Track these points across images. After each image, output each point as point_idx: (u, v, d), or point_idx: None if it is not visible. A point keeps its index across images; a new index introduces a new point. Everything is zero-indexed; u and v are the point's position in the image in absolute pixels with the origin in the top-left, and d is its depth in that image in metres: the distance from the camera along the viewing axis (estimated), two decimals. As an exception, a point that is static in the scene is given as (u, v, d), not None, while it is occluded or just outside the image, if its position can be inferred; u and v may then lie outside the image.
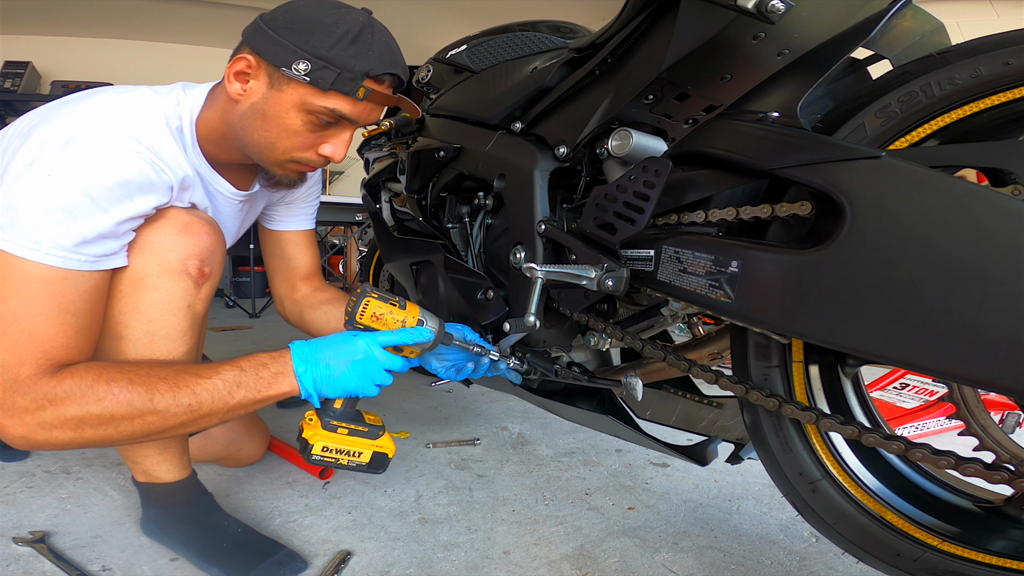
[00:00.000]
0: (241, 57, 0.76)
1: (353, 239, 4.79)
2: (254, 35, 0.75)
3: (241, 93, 0.77)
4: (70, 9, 4.10)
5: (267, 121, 0.77)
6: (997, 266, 0.46)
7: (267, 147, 0.80)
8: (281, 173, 0.84)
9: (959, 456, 0.54)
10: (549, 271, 0.75)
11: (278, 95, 0.76)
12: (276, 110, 0.76)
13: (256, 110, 0.77)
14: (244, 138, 0.80)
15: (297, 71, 0.73)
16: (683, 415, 1.01)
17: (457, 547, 0.99)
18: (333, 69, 0.73)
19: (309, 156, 0.82)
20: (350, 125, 0.81)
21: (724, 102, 0.69)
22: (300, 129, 0.78)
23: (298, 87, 0.75)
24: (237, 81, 0.77)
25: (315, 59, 0.72)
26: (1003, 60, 0.50)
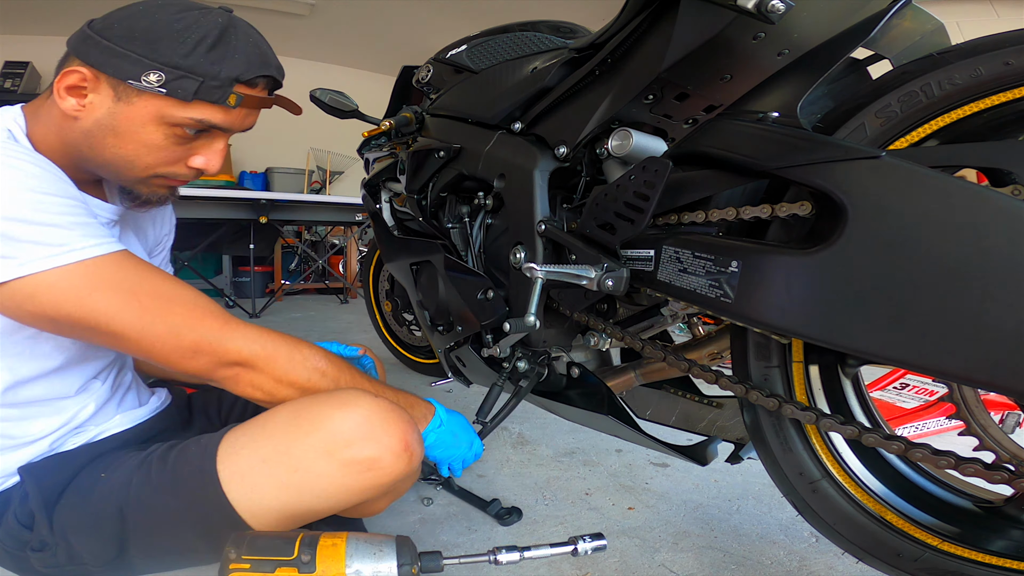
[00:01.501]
0: (73, 70, 0.66)
1: (353, 239, 4.79)
2: (83, 46, 0.67)
3: (79, 109, 0.68)
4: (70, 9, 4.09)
5: (120, 137, 0.69)
6: (997, 266, 0.46)
7: (125, 165, 0.71)
8: (147, 191, 0.75)
9: (959, 456, 0.54)
10: (549, 271, 0.75)
11: (128, 108, 0.67)
12: (129, 125, 0.68)
13: (104, 126, 0.68)
14: (94, 157, 0.70)
15: (148, 83, 0.65)
16: (683, 415, 1.01)
17: (457, 547, 0.99)
18: (193, 78, 0.66)
19: (177, 170, 0.74)
20: (222, 134, 0.74)
21: (724, 102, 0.69)
22: (162, 143, 0.70)
23: (152, 99, 0.67)
24: (71, 96, 0.67)
25: (169, 69, 0.65)
26: (1003, 60, 0.50)
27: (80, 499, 0.72)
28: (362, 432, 0.69)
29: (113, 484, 0.72)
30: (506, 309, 0.94)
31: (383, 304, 1.99)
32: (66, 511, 0.72)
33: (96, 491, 0.72)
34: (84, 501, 0.72)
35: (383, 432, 0.70)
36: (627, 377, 1.00)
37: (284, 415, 0.72)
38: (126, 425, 0.84)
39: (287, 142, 4.76)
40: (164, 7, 0.68)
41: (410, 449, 0.72)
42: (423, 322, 1.19)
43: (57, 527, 0.71)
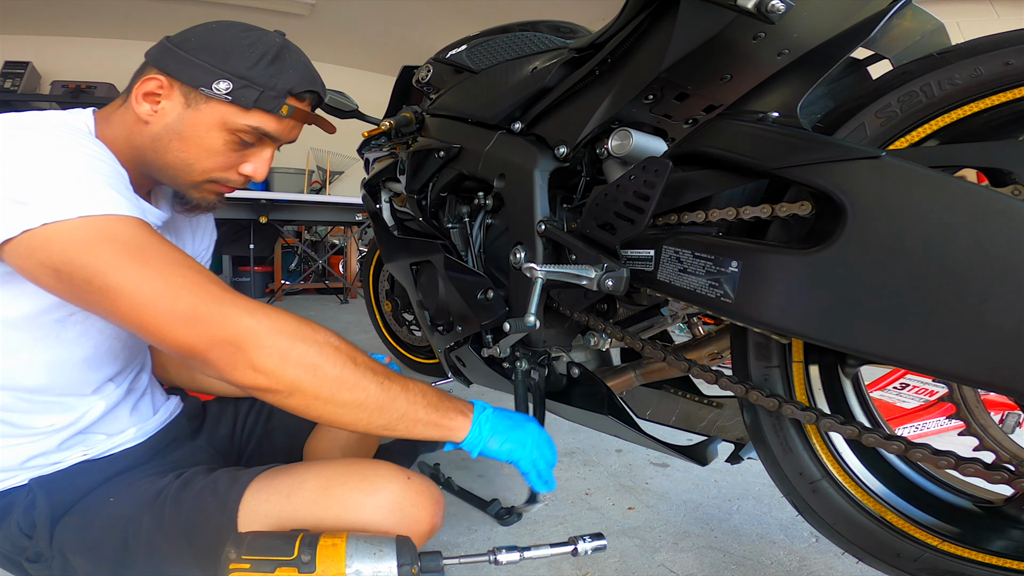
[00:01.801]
0: (151, 77, 0.73)
1: (353, 239, 4.79)
2: (163, 56, 0.74)
3: (152, 114, 0.74)
4: (70, 9, 4.10)
5: (185, 141, 0.75)
6: (997, 266, 0.46)
7: (184, 168, 0.76)
8: (198, 196, 0.80)
9: (959, 456, 0.54)
10: (549, 271, 0.75)
11: (195, 114, 0.74)
12: (195, 130, 0.74)
13: (172, 131, 0.74)
14: (157, 160, 0.76)
15: (218, 90, 0.72)
16: (683, 415, 1.01)
17: (457, 547, 0.99)
18: (256, 87, 0.73)
19: (229, 176, 0.79)
20: (271, 143, 0.80)
21: (724, 102, 0.69)
22: (221, 149, 0.76)
23: (218, 106, 0.74)
24: (146, 102, 0.74)
25: (236, 78, 0.72)
26: (1003, 60, 0.50)
27: (85, 521, 0.72)
28: (393, 521, 0.71)
29: (121, 512, 0.72)
30: (506, 309, 0.94)
31: (383, 304, 1.99)
32: (69, 529, 0.72)
33: (102, 515, 0.72)
34: (89, 523, 0.72)
35: (412, 519, 0.72)
36: (627, 377, 1.00)
37: (311, 488, 0.72)
38: (139, 439, 0.84)
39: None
40: (232, 26, 0.77)
41: (436, 527, 0.74)
42: (423, 322, 1.19)
43: (56, 542, 0.71)
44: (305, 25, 4.37)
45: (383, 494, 0.72)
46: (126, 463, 0.79)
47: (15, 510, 0.72)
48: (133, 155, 0.76)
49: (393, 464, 0.78)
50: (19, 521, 0.72)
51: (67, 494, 0.73)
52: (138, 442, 0.83)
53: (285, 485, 0.73)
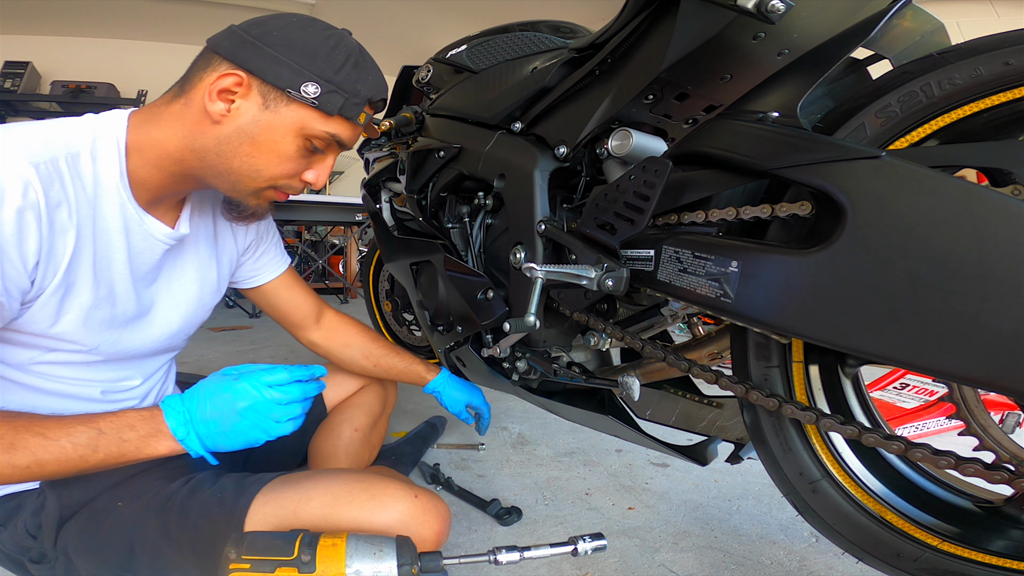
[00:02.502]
0: (230, 73, 0.66)
1: (353, 239, 4.79)
2: (242, 50, 0.67)
3: (225, 114, 0.68)
4: (70, 9, 4.10)
5: (257, 146, 0.69)
6: (997, 266, 0.46)
7: (250, 174, 0.71)
8: (255, 204, 0.75)
9: (959, 456, 0.54)
10: (549, 271, 0.75)
11: (273, 117, 0.68)
12: (271, 134, 0.69)
13: (244, 133, 0.68)
14: (219, 164, 0.70)
15: (306, 93, 0.67)
16: (683, 415, 1.00)
17: (457, 547, 0.99)
18: (341, 94, 0.69)
19: (292, 183, 0.75)
20: (337, 150, 0.76)
21: (724, 102, 0.69)
22: (293, 155, 0.71)
23: (299, 110, 0.68)
24: (221, 100, 0.67)
25: (325, 82, 0.68)
26: (1003, 60, 0.50)
27: (92, 523, 0.72)
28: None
29: (128, 517, 0.72)
30: (506, 309, 0.94)
31: (383, 304, 1.99)
32: (75, 531, 0.72)
33: (110, 519, 0.72)
34: (96, 526, 0.72)
35: (420, 538, 0.72)
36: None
37: (318, 504, 0.72)
38: None
39: (287, 142, 4.75)
40: (313, 23, 0.70)
41: (442, 543, 0.74)
42: (423, 322, 1.19)
43: (61, 544, 0.71)
44: (305, 25, 4.37)
45: (391, 512, 0.72)
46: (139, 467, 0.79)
47: (23, 511, 0.72)
48: (185, 156, 0.70)
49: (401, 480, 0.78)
50: (26, 522, 0.72)
51: (77, 496, 0.73)
52: None
53: (292, 500, 0.72)
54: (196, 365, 2.25)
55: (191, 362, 2.29)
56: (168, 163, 0.70)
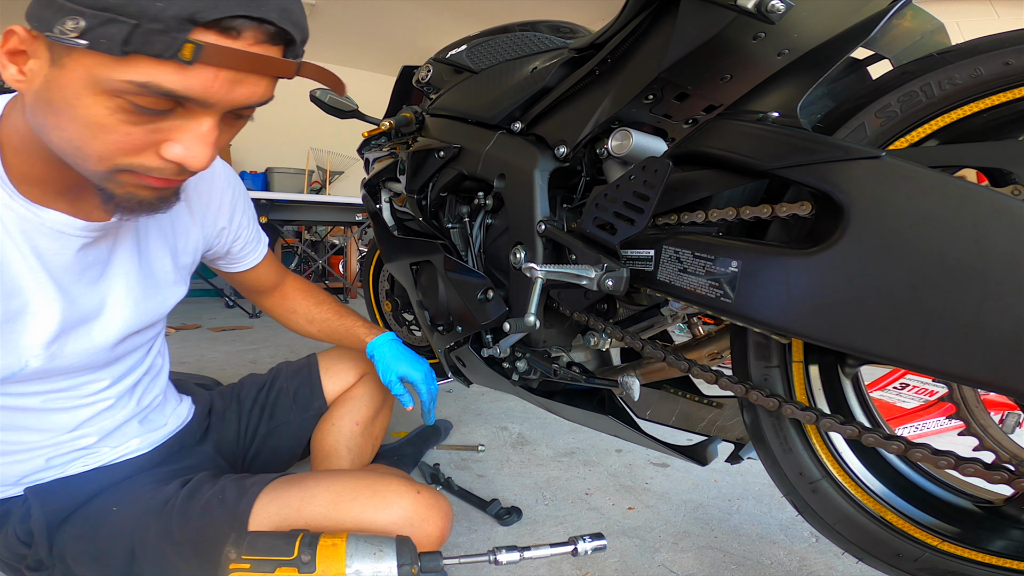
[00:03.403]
0: (9, 30, 0.50)
1: (353, 239, 4.79)
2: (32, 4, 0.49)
3: (20, 79, 0.51)
4: (70, 9, 4.10)
5: (57, 115, 0.51)
6: (997, 266, 0.46)
7: (74, 153, 0.53)
8: (120, 192, 0.56)
9: (959, 456, 0.54)
10: (549, 271, 0.75)
11: (60, 73, 0.49)
12: (62, 97, 0.50)
13: (40, 99, 0.51)
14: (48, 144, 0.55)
15: (64, 32, 0.45)
16: (683, 415, 1.00)
17: (457, 547, 0.99)
18: (123, 20, 0.45)
19: (145, 161, 0.53)
20: (203, 111, 0.52)
21: (724, 102, 0.69)
22: (106, 122, 0.50)
23: (81, 57, 0.47)
24: (12, 63, 0.51)
25: (91, 11, 0.45)
26: (1003, 60, 0.50)
27: (88, 529, 0.71)
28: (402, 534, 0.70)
29: (126, 521, 0.71)
30: (506, 309, 0.94)
31: (383, 304, 1.99)
32: (71, 538, 0.71)
33: (107, 524, 0.71)
34: (93, 532, 0.71)
35: (423, 534, 0.72)
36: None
37: (321, 502, 0.72)
38: (145, 449, 0.82)
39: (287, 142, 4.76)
40: None
41: (444, 540, 0.74)
42: (423, 322, 1.19)
43: (57, 551, 0.71)
44: (305, 25, 4.37)
45: (394, 509, 0.72)
46: (129, 471, 0.79)
47: (11, 519, 0.72)
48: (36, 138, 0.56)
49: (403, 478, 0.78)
50: (16, 530, 0.71)
51: (64, 502, 0.73)
52: (144, 452, 0.82)
53: (295, 498, 0.72)
54: (196, 365, 2.25)
55: (191, 362, 2.29)
56: (31, 147, 0.58)
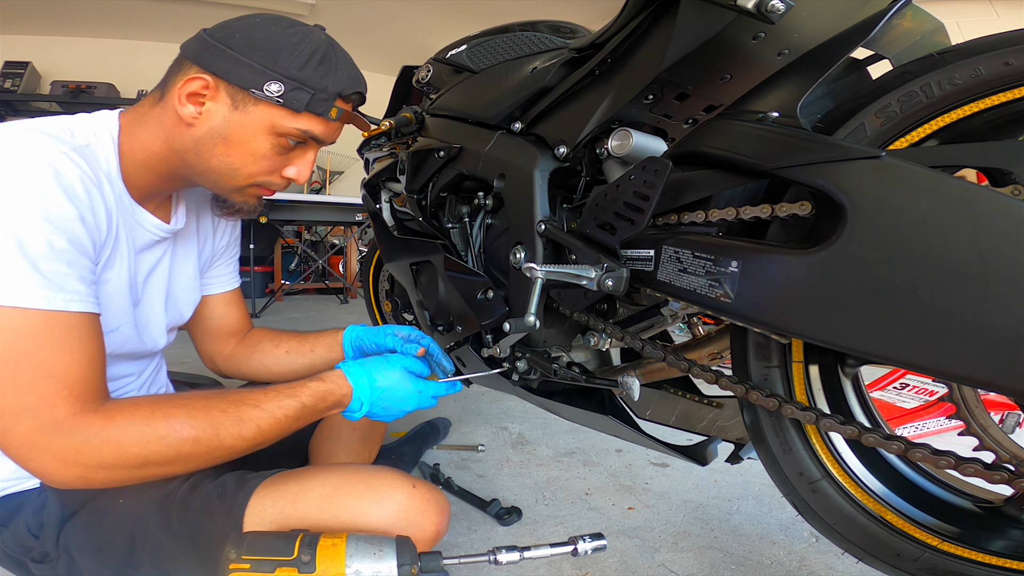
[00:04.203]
0: (196, 77, 0.68)
1: (353, 239, 4.79)
2: (206, 54, 0.69)
3: (196, 116, 0.70)
4: (70, 9, 4.10)
5: (231, 146, 0.71)
6: (997, 266, 0.45)
7: (229, 173, 0.74)
8: (241, 200, 0.78)
9: (959, 456, 0.54)
10: (549, 271, 0.75)
11: (243, 117, 0.70)
12: (242, 134, 0.71)
13: (217, 134, 0.71)
14: (198, 164, 0.73)
15: (269, 92, 0.68)
16: (683, 415, 1.01)
17: (457, 547, 0.99)
18: (307, 90, 0.70)
19: (273, 179, 0.77)
20: (315, 146, 0.78)
21: (724, 102, 0.69)
22: (268, 153, 0.73)
23: (267, 108, 0.70)
24: (191, 103, 0.70)
25: (287, 80, 0.69)
26: (1003, 60, 0.50)
27: (94, 521, 0.72)
28: (398, 529, 0.71)
29: (130, 514, 0.72)
30: (506, 309, 0.94)
31: (383, 304, 1.99)
32: (77, 529, 0.72)
33: (111, 516, 0.72)
34: (98, 524, 0.72)
35: (418, 528, 0.72)
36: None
37: (316, 495, 0.72)
38: None
39: (287, 142, 4.75)
40: (278, 20, 0.72)
41: (441, 535, 0.74)
42: (423, 322, 1.19)
43: (63, 542, 0.71)
44: (305, 25, 4.37)
45: (388, 502, 0.72)
46: None
47: (24, 511, 0.72)
48: (170, 158, 0.73)
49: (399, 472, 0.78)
50: (28, 522, 0.72)
51: (78, 495, 0.73)
52: None
53: (291, 491, 0.73)
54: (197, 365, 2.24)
55: (191, 362, 2.28)
56: (156, 163, 0.73)
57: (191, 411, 0.64)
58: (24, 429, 0.57)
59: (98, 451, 0.59)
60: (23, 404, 0.57)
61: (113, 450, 0.60)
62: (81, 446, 0.58)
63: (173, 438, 0.62)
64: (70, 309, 0.60)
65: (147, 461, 0.61)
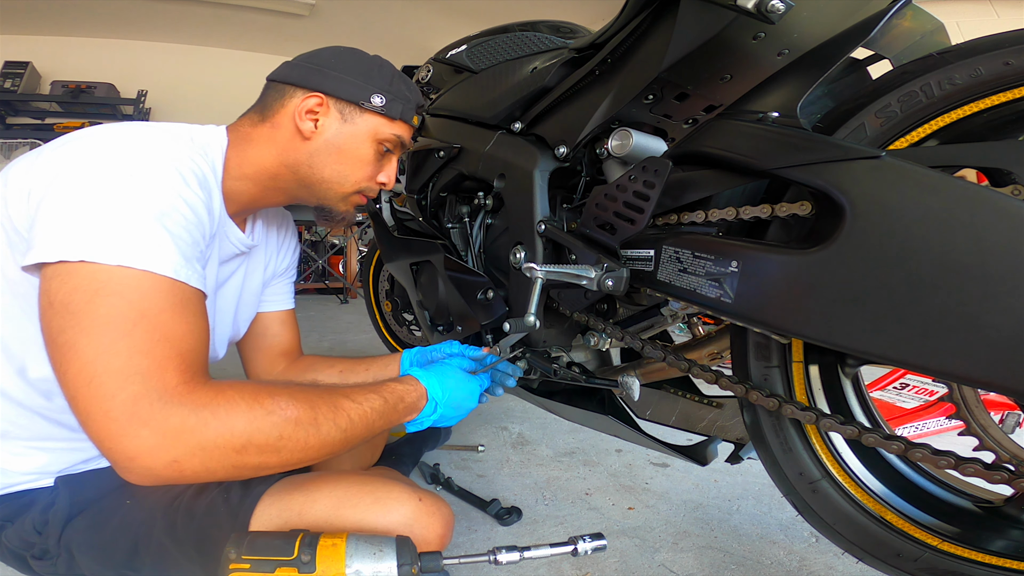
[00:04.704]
0: (311, 95, 0.78)
1: (353, 239, 4.79)
2: (313, 77, 0.79)
3: (313, 131, 0.79)
4: (70, 9, 4.10)
5: (343, 154, 0.81)
6: (997, 266, 0.46)
7: (338, 181, 0.82)
8: (344, 209, 0.86)
9: (959, 456, 0.54)
10: (549, 271, 0.75)
11: (352, 128, 0.80)
12: (352, 143, 0.81)
13: (331, 145, 0.80)
14: (312, 175, 0.81)
15: (374, 103, 0.80)
16: (683, 415, 1.01)
17: (457, 547, 0.99)
18: (399, 101, 0.82)
19: (371, 185, 0.86)
20: (398, 152, 0.87)
21: (724, 102, 0.69)
22: (371, 158, 0.83)
23: (371, 118, 0.81)
24: (309, 119, 0.79)
25: (385, 92, 0.80)
26: (1003, 60, 0.50)
27: (99, 521, 0.72)
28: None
29: (135, 516, 0.72)
30: (506, 309, 0.94)
31: (383, 304, 1.99)
32: (81, 528, 0.72)
33: (117, 517, 0.72)
34: (103, 524, 0.72)
35: (423, 541, 0.72)
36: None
37: (323, 507, 0.72)
38: None
39: (287, 142, 4.75)
40: (354, 51, 0.84)
41: (445, 546, 0.75)
42: (423, 322, 1.19)
43: (65, 540, 0.71)
44: (305, 25, 4.37)
45: (395, 515, 0.73)
46: None
47: (34, 508, 0.73)
48: (280, 171, 0.80)
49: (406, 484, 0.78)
50: (34, 519, 0.72)
51: (90, 494, 0.74)
52: None
53: (297, 502, 0.73)
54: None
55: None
56: (265, 178, 0.80)
57: (291, 393, 0.62)
58: (128, 396, 0.52)
59: (203, 425, 0.54)
60: (133, 367, 0.53)
61: (220, 425, 0.55)
62: (187, 417, 0.54)
63: (278, 415, 0.58)
64: (191, 284, 0.61)
65: (249, 442, 0.57)
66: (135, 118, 4.35)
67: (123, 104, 4.42)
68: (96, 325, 0.54)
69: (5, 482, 0.72)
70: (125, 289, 0.56)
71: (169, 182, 0.62)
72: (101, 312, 0.54)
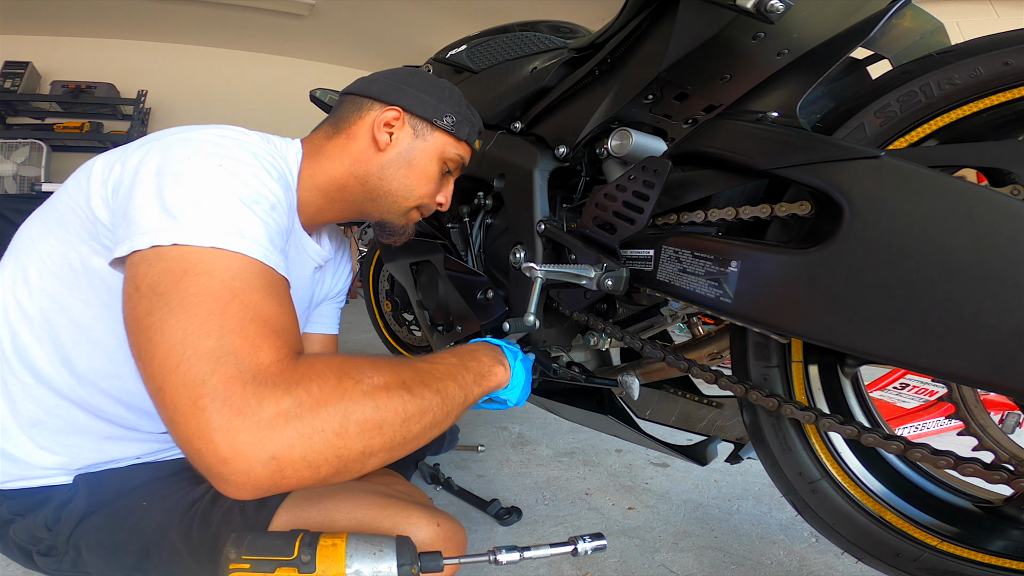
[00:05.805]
0: (389, 108, 0.81)
1: (353, 239, 4.79)
2: (391, 92, 0.82)
3: (388, 143, 0.81)
4: (70, 9, 4.10)
5: (412, 168, 0.82)
6: (996, 266, 0.46)
7: (404, 194, 0.83)
8: (403, 223, 0.87)
9: (958, 456, 0.54)
10: (549, 271, 0.75)
11: (422, 143, 0.82)
12: (422, 158, 0.82)
13: (402, 158, 0.82)
14: (380, 187, 0.82)
15: (446, 122, 0.82)
16: (683, 415, 1.01)
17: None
18: (468, 123, 0.84)
19: (431, 203, 0.87)
20: (455, 176, 0.89)
21: (724, 102, 0.69)
22: (435, 176, 0.84)
23: (441, 136, 0.83)
24: (385, 132, 0.81)
25: (456, 113, 0.83)
26: (1003, 60, 0.50)
27: (114, 521, 0.72)
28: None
29: (150, 520, 0.72)
30: (506, 309, 0.94)
31: (383, 304, 1.99)
32: (93, 527, 0.71)
33: (131, 519, 0.72)
34: (117, 524, 0.72)
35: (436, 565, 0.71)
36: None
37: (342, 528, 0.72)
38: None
39: (287, 142, 4.75)
40: (425, 74, 0.87)
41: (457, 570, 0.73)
42: (423, 322, 1.19)
43: (75, 538, 0.71)
44: (305, 25, 4.37)
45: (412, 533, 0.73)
46: (173, 468, 0.80)
47: (49, 505, 0.72)
48: (348, 183, 0.81)
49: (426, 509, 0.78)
50: (47, 515, 0.72)
51: (108, 494, 0.73)
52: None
53: (315, 522, 0.73)
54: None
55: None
56: (333, 189, 0.81)
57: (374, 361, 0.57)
58: (220, 379, 0.47)
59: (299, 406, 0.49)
60: (225, 346, 0.49)
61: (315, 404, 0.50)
62: (281, 399, 0.48)
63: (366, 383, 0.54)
64: (279, 271, 0.60)
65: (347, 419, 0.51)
66: (135, 118, 4.34)
67: (123, 104, 4.43)
68: (186, 304, 0.50)
69: (23, 474, 0.72)
70: (216, 269, 0.54)
71: (258, 172, 0.63)
72: (192, 291, 0.51)
